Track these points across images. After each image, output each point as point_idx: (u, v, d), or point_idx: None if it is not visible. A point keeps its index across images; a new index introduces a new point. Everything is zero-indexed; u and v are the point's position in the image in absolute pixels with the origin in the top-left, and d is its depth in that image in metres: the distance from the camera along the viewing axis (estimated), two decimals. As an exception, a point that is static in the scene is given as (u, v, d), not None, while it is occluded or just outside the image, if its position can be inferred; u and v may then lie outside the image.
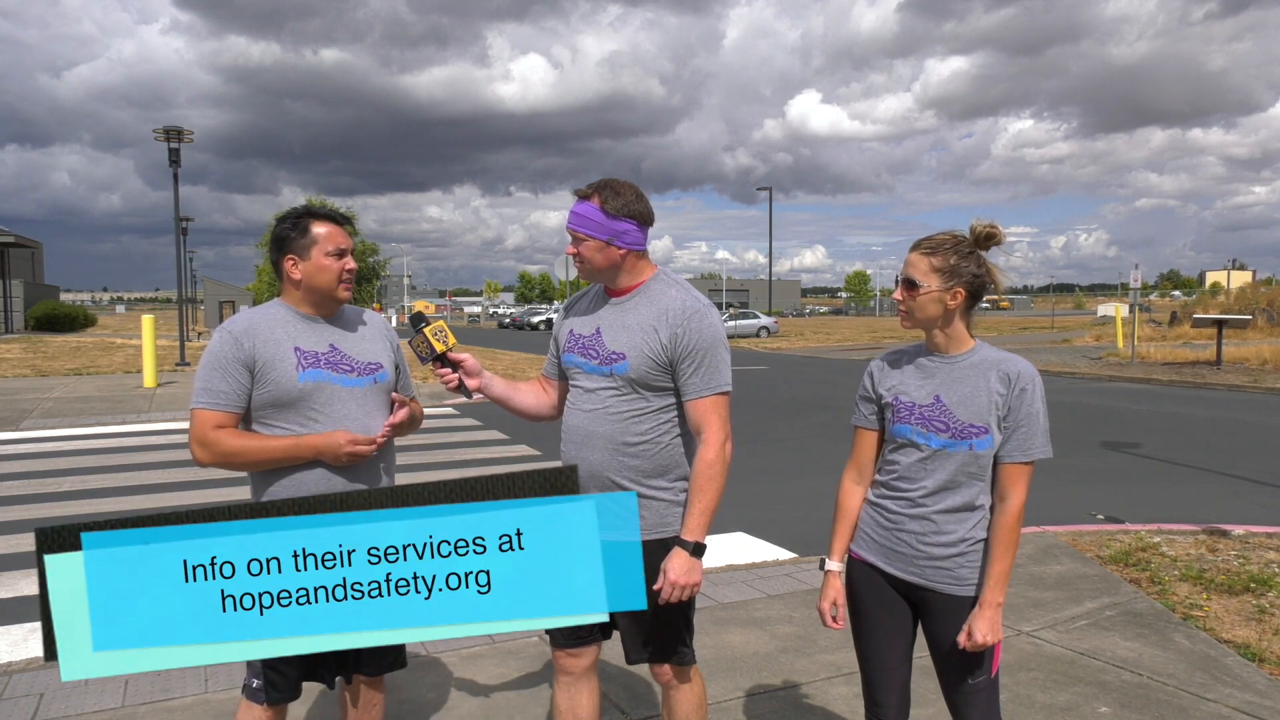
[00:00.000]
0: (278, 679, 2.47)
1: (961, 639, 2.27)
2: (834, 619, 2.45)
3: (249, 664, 2.50)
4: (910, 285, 2.29)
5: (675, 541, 2.45)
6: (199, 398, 2.43)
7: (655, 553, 2.46)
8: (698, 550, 2.43)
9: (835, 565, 2.47)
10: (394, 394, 2.62)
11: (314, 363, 2.47)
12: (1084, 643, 4.26)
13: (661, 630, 2.54)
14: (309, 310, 2.55)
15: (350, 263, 2.54)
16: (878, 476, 2.45)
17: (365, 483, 2.52)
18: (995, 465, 2.31)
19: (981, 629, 2.24)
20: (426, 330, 2.57)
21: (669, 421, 2.51)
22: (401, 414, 2.57)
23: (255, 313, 2.55)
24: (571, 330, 2.61)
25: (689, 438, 2.53)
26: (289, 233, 2.49)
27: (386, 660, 2.64)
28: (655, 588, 2.41)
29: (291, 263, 2.49)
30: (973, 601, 2.31)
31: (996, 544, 2.27)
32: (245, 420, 2.50)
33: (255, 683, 2.49)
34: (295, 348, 2.47)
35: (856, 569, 2.46)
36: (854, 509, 2.47)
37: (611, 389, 2.49)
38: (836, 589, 2.45)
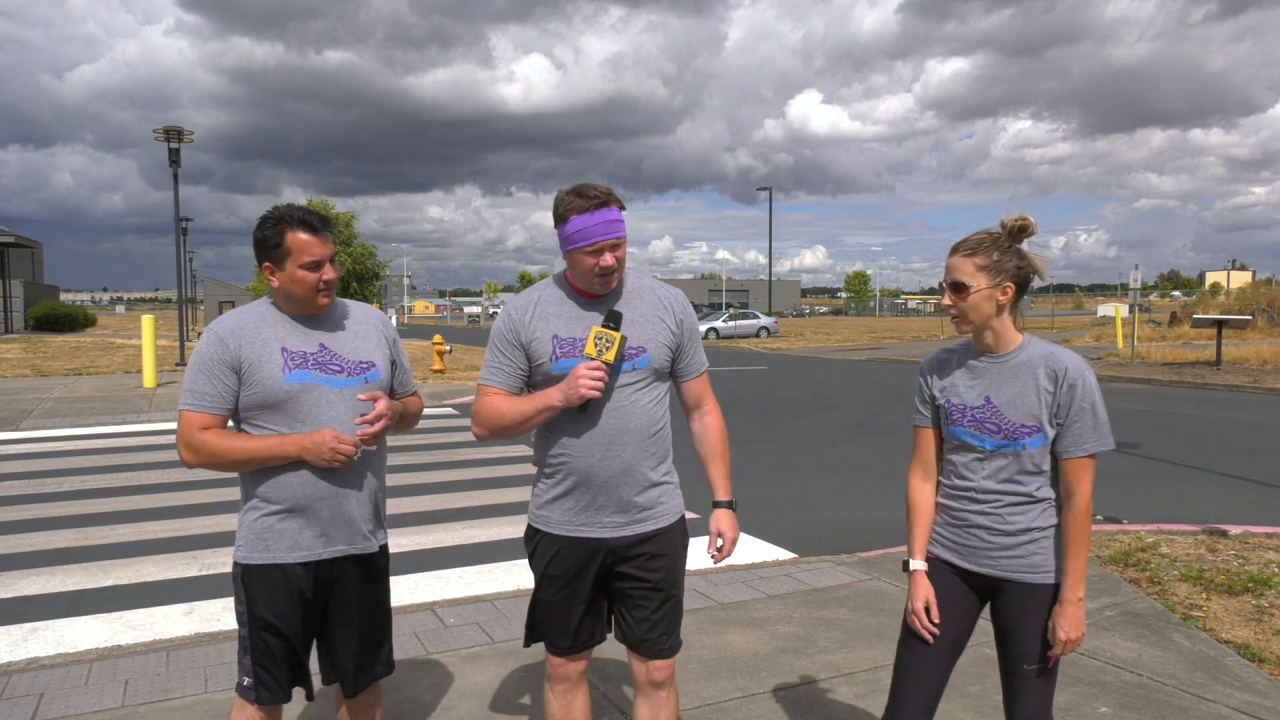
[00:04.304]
0: (268, 679, 2.47)
1: (1051, 639, 2.29)
2: (929, 620, 2.40)
3: (240, 663, 2.51)
4: (959, 288, 2.29)
5: (719, 505, 2.60)
6: (185, 399, 2.42)
7: (680, 530, 2.59)
8: (734, 508, 2.63)
9: (920, 564, 2.45)
10: (361, 395, 2.48)
11: (301, 363, 2.43)
12: (1084, 643, 4.26)
13: (676, 614, 2.60)
14: (296, 310, 2.50)
15: (328, 273, 2.44)
16: (941, 478, 2.47)
17: (351, 487, 2.48)
18: (1055, 459, 2.32)
19: (1065, 626, 2.27)
20: (605, 331, 2.40)
21: (666, 405, 2.58)
22: (377, 409, 2.46)
23: (244, 312, 2.50)
24: (557, 336, 2.46)
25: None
26: (265, 240, 2.42)
27: (365, 679, 2.63)
28: (715, 550, 2.57)
29: (268, 270, 2.45)
30: (1048, 590, 2.32)
31: (1070, 539, 2.29)
32: (236, 421, 2.48)
33: (246, 681, 2.49)
34: (283, 348, 2.43)
35: (929, 567, 2.46)
36: (926, 506, 2.47)
37: (634, 383, 2.47)
38: (927, 587, 2.42)
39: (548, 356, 2.45)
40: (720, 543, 2.58)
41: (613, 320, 2.42)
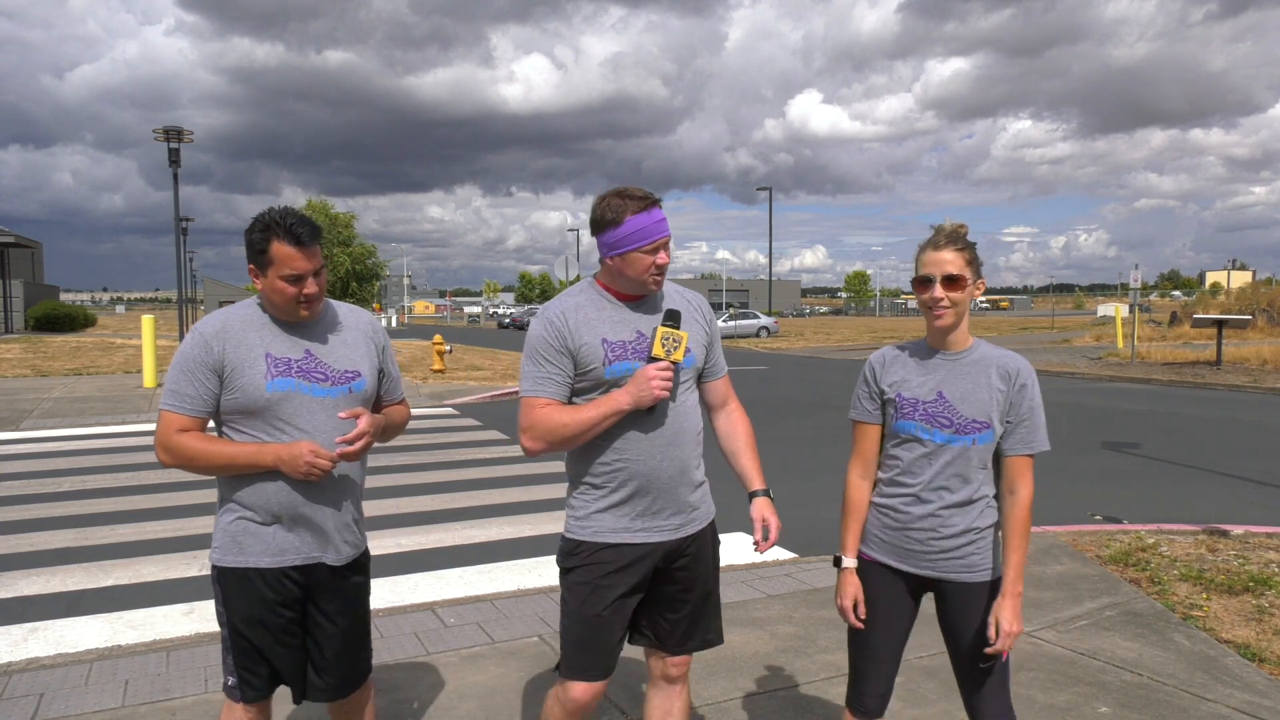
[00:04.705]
0: (251, 678, 2.47)
1: (990, 634, 2.31)
2: (857, 617, 2.45)
3: (224, 663, 2.50)
4: (954, 281, 2.30)
5: (758, 494, 2.58)
6: (166, 399, 2.40)
7: (713, 529, 2.60)
8: (770, 495, 2.61)
9: (851, 562, 2.48)
10: (342, 414, 2.43)
11: (285, 370, 2.39)
12: (1084, 643, 4.26)
13: (713, 611, 2.62)
14: (281, 315, 2.46)
15: (310, 287, 2.38)
16: (880, 474, 2.47)
17: (327, 500, 2.45)
18: (998, 458, 2.37)
19: (1007, 618, 2.29)
20: (671, 330, 2.39)
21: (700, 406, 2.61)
22: (358, 427, 2.41)
23: (230, 313, 2.47)
24: (606, 340, 2.40)
25: None
26: (252, 244, 2.38)
27: (343, 690, 2.58)
28: (759, 539, 2.52)
29: (253, 272, 2.42)
30: (985, 586, 2.36)
31: (1012, 535, 2.33)
32: (218, 423, 2.46)
33: (230, 680, 2.49)
34: (267, 354, 2.39)
35: (867, 569, 2.48)
36: (864, 504, 2.49)
37: (684, 383, 2.49)
38: (856, 585, 2.46)
39: (600, 361, 2.38)
40: (766, 531, 2.54)
41: (672, 320, 2.40)
